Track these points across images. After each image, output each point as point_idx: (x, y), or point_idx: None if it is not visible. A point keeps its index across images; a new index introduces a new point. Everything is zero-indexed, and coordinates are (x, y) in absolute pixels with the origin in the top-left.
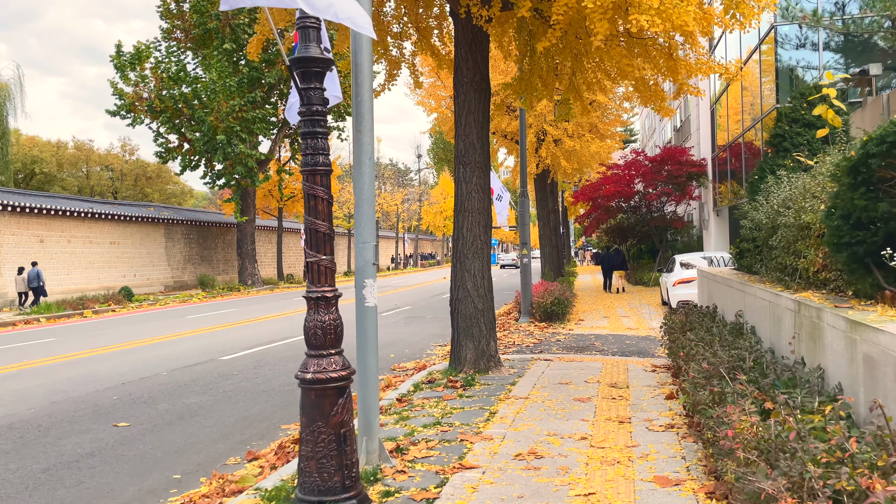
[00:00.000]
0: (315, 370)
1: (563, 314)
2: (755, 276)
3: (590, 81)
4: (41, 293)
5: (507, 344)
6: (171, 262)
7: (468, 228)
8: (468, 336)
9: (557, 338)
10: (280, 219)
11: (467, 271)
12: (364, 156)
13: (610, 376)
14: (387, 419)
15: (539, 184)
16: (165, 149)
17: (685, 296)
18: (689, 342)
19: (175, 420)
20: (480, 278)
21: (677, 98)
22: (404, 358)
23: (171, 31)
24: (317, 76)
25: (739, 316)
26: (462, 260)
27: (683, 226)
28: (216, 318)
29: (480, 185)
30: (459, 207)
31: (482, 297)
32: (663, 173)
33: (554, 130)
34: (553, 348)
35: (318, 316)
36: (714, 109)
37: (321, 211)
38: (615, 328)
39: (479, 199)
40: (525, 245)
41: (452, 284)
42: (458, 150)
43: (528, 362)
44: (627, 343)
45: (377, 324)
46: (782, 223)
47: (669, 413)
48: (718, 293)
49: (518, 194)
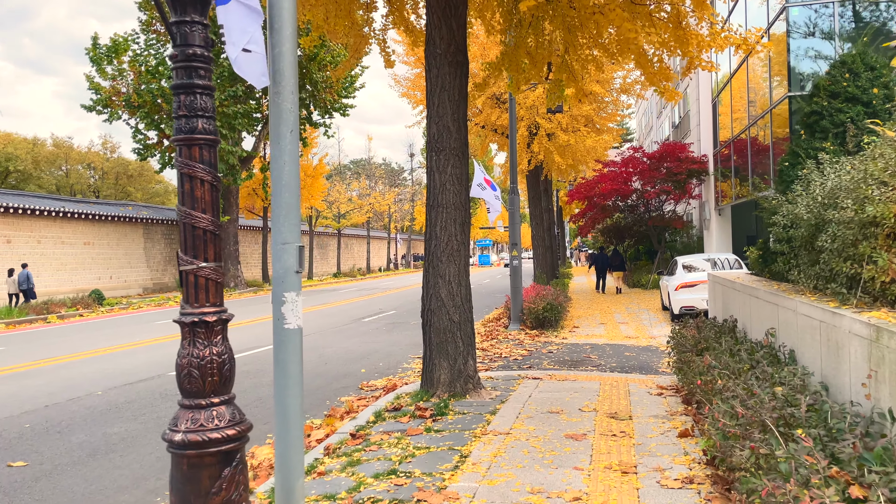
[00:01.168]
0: (188, 428)
1: (557, 321)
2: (789, 284)
3: (584, 59)
4: (31, 296)
5: (493, 356)
6: (151, 264)
7: (442, 227)
8: (442, 353)
9: (549, 348)
10: (265, 219)
11: (441, 277)
12: (283, 127)
13: (609, 402)
14: (333, 463)
15: (531, 181)
16: (144, 145)
17: (689, 301)
18: (708, 368)
19: (85, 458)
20: (457, 285)
21: (687, 74)
22: (377, 373)
23: (150, 24)
24: (195, 4)
25: (771, 335)
26: (435, 264)
27: (683, 226)
28: None
29: (456, 175)
30: (432, 202)
31: (458, 308)
32: (662, 170)
33: (547, 124)
34: (544, 362)
35: (196, 349)
36: (716, 103)
37: (201, 198)
38: (613, 337)
39: (454, 193)
40: (515, 246)
41: (424, 293)
42: (431, 135)
43: (515, 381)
44: (627, 356)
45: (301, 352)
46: (835, 218)
47: (685, 459)
48: (738, 304)
49: (507, 191)
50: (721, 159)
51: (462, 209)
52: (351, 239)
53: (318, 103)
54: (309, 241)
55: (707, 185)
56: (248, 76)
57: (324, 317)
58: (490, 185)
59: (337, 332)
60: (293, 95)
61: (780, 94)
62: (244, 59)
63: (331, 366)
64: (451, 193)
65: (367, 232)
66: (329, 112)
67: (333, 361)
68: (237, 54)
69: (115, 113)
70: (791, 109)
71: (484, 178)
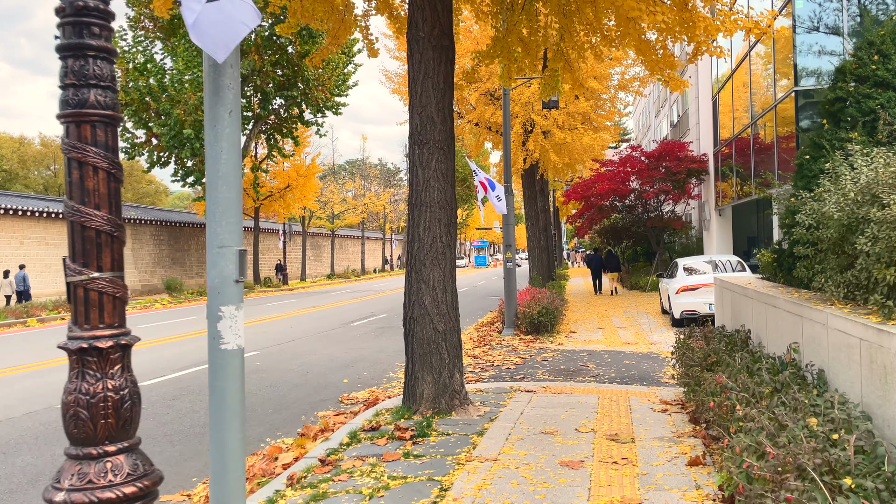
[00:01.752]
0: (74, 485)
1: (552, 325)
2: (812, 292)
3: (581, 46)
4: (25, 297)
5: (485, 365)
6: (139, 265)
7: (425, 227)
8: (425, 366)
9: (545, 356)
10: (256, 219)
11: (424, 282)
12: (221, 107)
13: (608, 420)
14: (295, 497)
15: (527, 180)
16: (131, 144)
17: (690, 305)
18: (721, 388)
19: None
20: (441, 291)
21: (693, 61)
22: (360, 384)
23: (139, 20)
24: None
25: (794, 351)
26: (418, 268)
27: (682, 226)
28: (171, 328)
29: (441, 171)
30: (415, 200)
31: (444, 316)
32: (661, 170)
33: (542, 121)
34: (538, 372)
35: (85, 383)
36: (716, 100)
37: (94, 190)
38: (611, 343)
39: (439, 190)
40: (509, 247)
41: (406, 300)
42: (413, 127)
43: (506, 395)
44: (627, 364)
45: (243, 377)
46: (876, 217)
47: (698, 496)
48: (751, 313)
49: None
50: (721, 158)
51: (447, 208)
52: (345, 240)
53: (309, 101)
54: (302, 241)
55: (707, 184)
56: (207, 46)
57: (312, 320)
58: (489, 184)
59: (323, 337)
60: (233, 69)
61: (785, 88)
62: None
63: (312, 376)
64: (435, 191)
65: (362, 233)
66: (321, 110)
67: (315, 370)
68: (194, 18)
69: None
70: (797, 105)
71: (479, 182)
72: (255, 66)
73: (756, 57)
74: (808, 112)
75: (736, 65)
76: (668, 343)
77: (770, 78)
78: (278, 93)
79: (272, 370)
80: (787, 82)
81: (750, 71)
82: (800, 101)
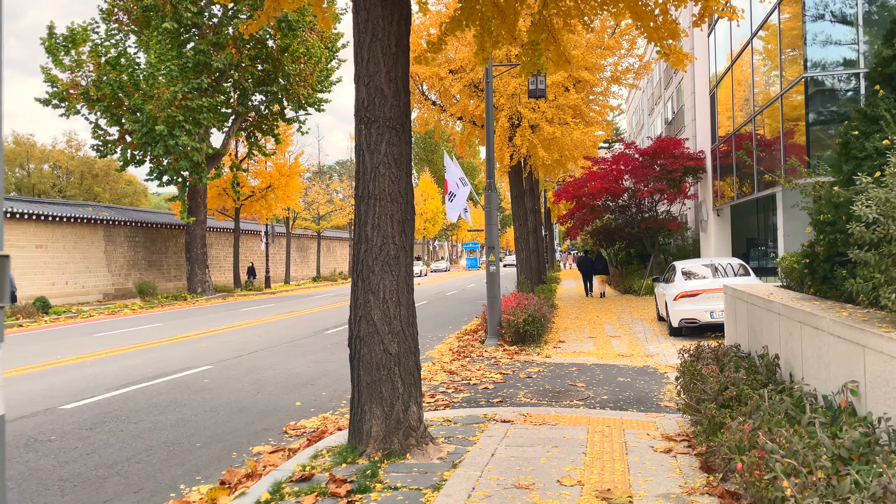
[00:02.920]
0: None
1: (539, 335)
2: (868, 310)
3: (568, 11)
4: (12, 299)
5: (460, 384)
6: (112, 268)
7: (374, 226)
8: (374, 397)
9: (529, 371)
10: (237, 220)
11: (373, 293)
12: None
13: (599, 466)
14: None
15: (514, 178)
16: (103, 142)
17: (689, 313)
18: (751, 441)
19: None
20: (395, 305)
21: (699, 25)
22: (315, 408)
23: (112, 12)
24: None
25: (852, 393)
26: (365, 276)
27: (678, 227)
28: (135, 336)
29: (394, 155)
30: (361, 191)
31: (397, 336)
32: (656, 168)
33: (530, 114)
34: (520, 393)
35: None
36: (714, 94)
37: None
38: (603, 355)
39: (391, 179)
40: (492, 249)
41: (351, 314)
42: (359, 101)
43: (478, 426)
44: (621, 382)
45: (3, 444)
46: None
47: None
48: (778, 333)
49: (483, 187)
50: (720, 155)
51: (401, 201)
52: (333, 241)
53: (291, 98)
54: (286, 243)
55: (704, 183)
56: None
57: (284, 328)
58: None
59: (290, 348)
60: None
61: (793, 74)
62: None
63: (263, 396)
64: (386, 180)
65: (350, 234)
66: (303, 107)
67: (269, 389)
68: None
69: (73, 107)
70: (808, 93)
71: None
72: (233, 61)
73: (759, 43)
74: (820, 100)
75: (736, 55)
76: (666, 355)
77: (776, 62)
78: (258, 88)
79: (219, 389)
80: (795, 66)
81: (752, 60)
82: (811, 89)
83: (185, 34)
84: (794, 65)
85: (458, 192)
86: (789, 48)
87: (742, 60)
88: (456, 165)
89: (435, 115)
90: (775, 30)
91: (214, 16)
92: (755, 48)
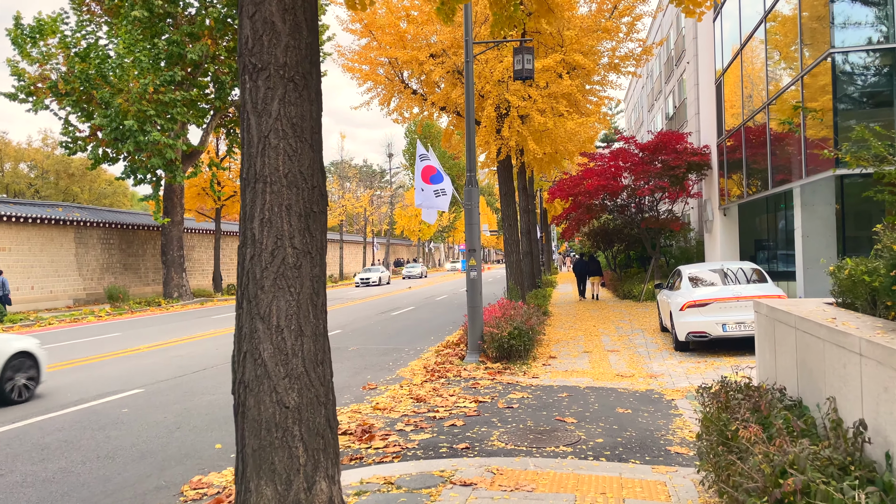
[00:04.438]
0: None
1: (527, 349)
2: None
3: None
4: (6, 302)
5: (422, 419)
6: (84, 272)
7: (264, 220)
8: (264, 469)
9: (511, 396)
10: (217, 221)
11: (262, 319)
12: None
13: None
14: None
15: (503, 175)
16: (73, 138)
17: (699, 326)
18: None
19: None
20: (294, 335)
21: None
22: None
23: (83, 2)
24: None
25: None
26: (252, 293)
27: (681, 228)
28: (81, 348)
29: (291, 118)
30: (247, 172)
31: (298, 380)
32: (657, 164)
33: (519, 101)
34: (494, 434)
35: None
36: (720, 83)
37: None
38: (600, 374)
39: (288, 154)
40: (473, 252)
41: (235, 348)
42: (242, 41)
43: (429, 493)
44: (620, 415)
45: None
46: None
47: None
48: (857, 382)
49: (465, 181)
50: (727, 150)
51: (304, 186)
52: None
53: None
54: None
55: (709, 180)
56: None
57: None
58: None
59: None
60: None
61: (818, 52)
62: None
63: (181, 433)
64: (280, 155)
65: (341, 236)
66: None
67: (193, 423)
68: None
69: (41, 101)
70: (835, 70)
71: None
72: (209, 52)
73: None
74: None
75: (746, 37)
76: (672, 375)
77: (796, 40)
78: (236, 82)
79: (134, 423)
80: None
81: (765, 40)
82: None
83: (157, 23)
84: (817, 42)
85: (433, 184)
86: (813, 20)
87: (752, 45)
88: (432, 156)
89: (416, 106)
90: (793, 4)
91: (190, 5)
92: (767, 28)
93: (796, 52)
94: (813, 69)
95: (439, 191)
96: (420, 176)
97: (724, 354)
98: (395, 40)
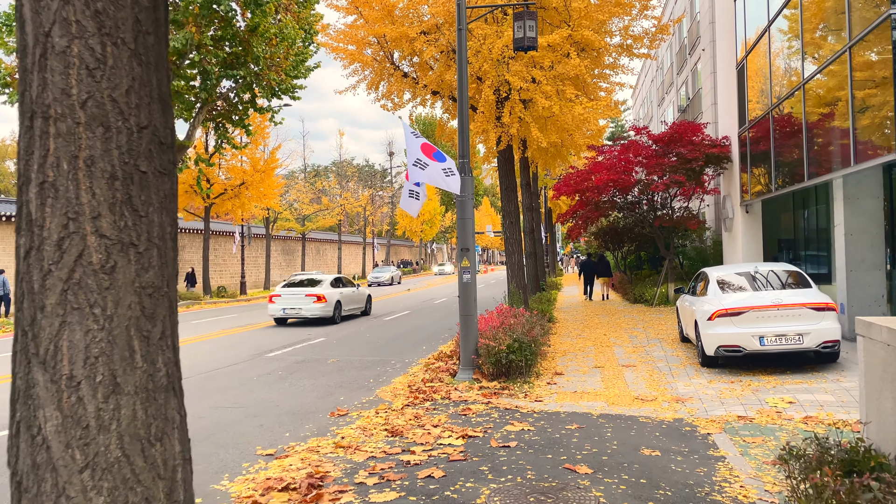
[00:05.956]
0: None
1: (529, 365)
2: None
3: None
4: (6, 302)
5: (390, 468)
6: None
7: (46, 186)
8: None
9: (508, 430)
10: (206, 220)
11: (43, 364)
12: None
13: None
14: None
15: (504, 168)
16: None
17: (731, 339)
18: None
19: None
20: (107, 392)
21: None
22: None
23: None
24: None
25: None
26: (27, 320)
27: (699, 226)
28: None
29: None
30: (21, 102)
31: (110, 473)
32: (672, 157)
33: (521, 83)
34: (482, 494)
35: None
36: (743, 68)
37: None
38: (615, 397)
39: (89, 64)
40: (466, 252)
41: (10, 408)
42: None
43: None
44: (646, 459)
45: None
46: None
47: None
48: None
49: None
50: (750, 141)
51: (120, 125)
52: (323, 244)
53: (262, 84)
54: (266, 245)
55: (729, 174)
56: None
57: (221, 348)
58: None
59: (206, 380)
60: None
61: (872, 15)
62: None
63: None
64: (74, 67)
65: (339, 236)
66: (276, 94)
67: None
68: None
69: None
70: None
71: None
72: (194, 41)
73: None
74: None
75: (775, 13)
76: (703, 399)
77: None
78: (224, 72)
79: None
80: (876, 3)
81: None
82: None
83: None
84: (870, 2)
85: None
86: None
87: (781, 22)
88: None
89: (407, 90)
90: None
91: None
92: None
93: (840, 20)
94: (866, 35)
95: (447, 170)
96: (421, 151)
97: (760, 372)
98: (384, 15)
